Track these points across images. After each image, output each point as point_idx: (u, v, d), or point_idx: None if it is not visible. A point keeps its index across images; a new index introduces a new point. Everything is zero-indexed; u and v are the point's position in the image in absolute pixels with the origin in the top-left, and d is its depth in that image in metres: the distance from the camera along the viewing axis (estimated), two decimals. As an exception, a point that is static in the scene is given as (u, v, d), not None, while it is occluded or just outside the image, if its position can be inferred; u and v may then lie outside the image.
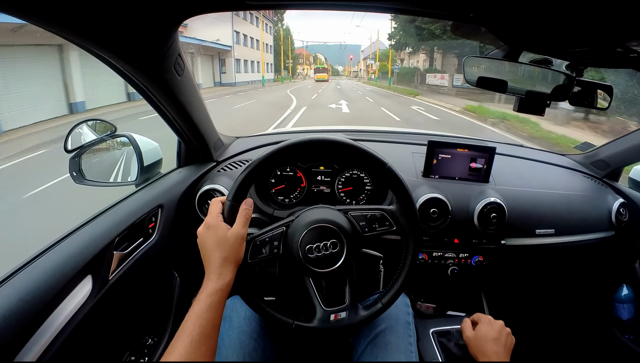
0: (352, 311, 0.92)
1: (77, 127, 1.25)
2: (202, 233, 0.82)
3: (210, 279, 0.76)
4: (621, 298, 1.69)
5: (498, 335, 1.01)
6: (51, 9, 0.60)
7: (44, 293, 0.77)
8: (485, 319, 1.04)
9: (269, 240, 0.89)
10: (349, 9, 0.90)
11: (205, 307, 0.72)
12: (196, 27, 26.95)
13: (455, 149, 1.41)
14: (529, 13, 0.74)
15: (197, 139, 1.28)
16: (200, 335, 0.69)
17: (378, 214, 0.93)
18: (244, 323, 1.03)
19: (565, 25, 0.74)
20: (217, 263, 0.78)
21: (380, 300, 0.92)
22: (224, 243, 0.79)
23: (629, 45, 0.73)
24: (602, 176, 1.70)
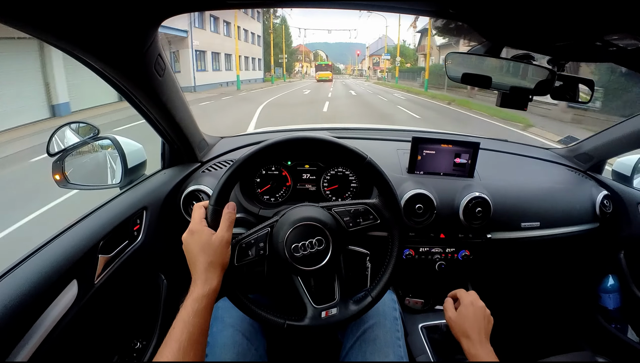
0: (342, 307, 0.92)
1: (60, 130, 1.23)
2: (186, 239, 0.82)
3: (196, 284, 0.76)
4: (607, 289, 1.71)
5: (481, 316, 1.01)
6: (26, 10, 0.59)
7: (29, 299, 0.76)
8: (466, 299, 1.04)
9: (254, 242, 0.89)
10: (326, 7, 0.89)
11: (192, 313, 0.72)
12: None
13: (440, 145, 1.42)
14: (508, 8, 0.75)
15: (180, 139, 1.27)
16: (188, 341, 0.69)
17: (361, 209, 0.93)
18: (236, 322, 1.03)
19: (544, 20, 0.75)
20: (203, 267, 0.78)
21: (369, 293, 0.93)
22: (208, 247, 0.79)
23: (607, 39, 0.73)
24: (586, 169, 1.72)
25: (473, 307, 1.00)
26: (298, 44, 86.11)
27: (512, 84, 1.01)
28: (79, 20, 0.68)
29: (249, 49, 36.86)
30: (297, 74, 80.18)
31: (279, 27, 50.71)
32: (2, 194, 5.01)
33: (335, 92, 25.52)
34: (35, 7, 0.59)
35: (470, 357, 0.94)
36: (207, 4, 0.84)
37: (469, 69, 1.02)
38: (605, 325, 1.71)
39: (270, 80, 39.05)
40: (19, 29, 0.63)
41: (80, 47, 0.75)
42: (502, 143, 1.88)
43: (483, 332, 0.97)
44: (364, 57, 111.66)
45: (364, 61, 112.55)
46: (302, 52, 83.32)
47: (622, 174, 1.71)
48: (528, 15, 0.75)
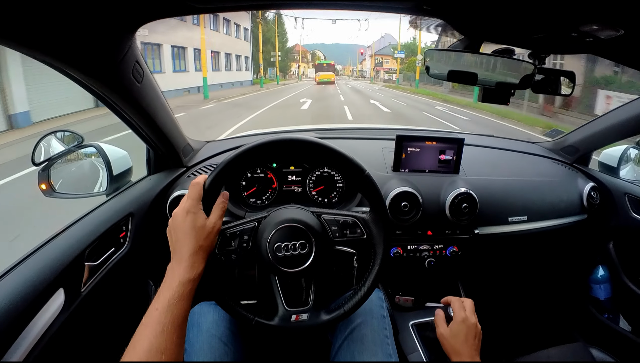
0: (313, 314, 0.92)
1: (45, 139, 1.23)
2: (180, 218, 0.79)
3: (182, 267, 0.74)
4: (597, 279, 1.73)
5: (472, 335, 0.99)
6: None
7: (15, 308, 0.76)
8: (458, 316, 1.02)
9: (239, 234, 0.89)
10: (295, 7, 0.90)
11: (178, 296, 0.70)
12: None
13: (424, 142, 1.43)
14: (482, 3, 0.76)
15: (164, 145, 1.27)
16: (172, 324, 0.67)
17: (350, 221, 0.93)
18: (212, 327, 1.02)
19: (519, 13, 0.75)
20: (191, 251, 0.75)
21: (343, 306, 0.92)
22: (201, 231, 0.78)
23: (583, 30, 0.74)
24: (572, 161, 1.73)
25: (465, 325, 0.99)
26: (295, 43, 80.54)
27: (497, 80, 1.01)
28: (53, 30, 0.68)
29: (231, 44, 28.78)
30: (294, 75, 74.45)
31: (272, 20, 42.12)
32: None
33: (351, 104, 17.00)
34: (8, 17, 0.59)
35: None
36: (177, 10, 0.83)
37: (453, 66, 1.03)
38: (597, 316, 1.72)
39: (260, 82, 30.18)
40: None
41: (55, 57, 0.75)
42: (489, 138, 1.89)
43: (474, 348, 0.97)
44: (363, 57, 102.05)
45: (364, 61, 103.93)
46: (298, 52, 77.62)
47: (609, 165, 1.73)
48: (502, 9, 0.76)
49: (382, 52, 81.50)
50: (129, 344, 0.65)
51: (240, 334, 1.07)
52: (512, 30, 0.88)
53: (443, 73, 1.02)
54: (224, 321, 1.05)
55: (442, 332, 1.01)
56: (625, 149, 1.71)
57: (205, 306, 1.08)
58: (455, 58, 1.03)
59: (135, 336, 0.65)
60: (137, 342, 0.64)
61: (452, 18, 0.88)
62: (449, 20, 0.91)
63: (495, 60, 1.00)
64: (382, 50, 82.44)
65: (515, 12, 0.76)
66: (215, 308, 1.08)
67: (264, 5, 0.86)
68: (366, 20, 58.70)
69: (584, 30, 0.74)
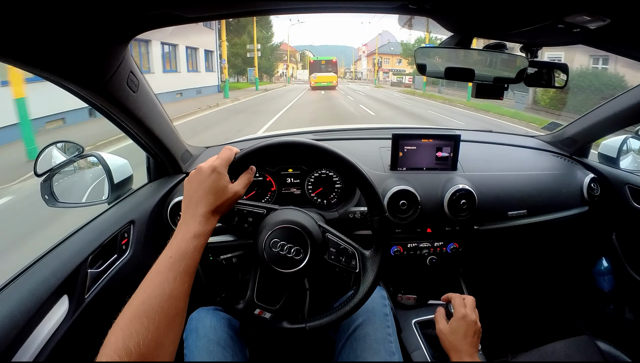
0: (275, 318, 0.93)
1: (46, 150, 1.25)
2: (204, 173, 0.79)
3: (196, 221, 0.74)
4: (601, 271, 1.73)
5: (471, 332, 0.99)
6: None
7: (20, 316, 0.78)
8: (458, 312, 1.01)
9: (246, 213, 0.91)
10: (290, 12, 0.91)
11: (193, 248, 0.70)
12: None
13: (420, 140, 1.43)
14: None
15: (163, 152, 1.28)
16: (185, 273, 0.67)
17: (350, 251, 0.94)
18: (210, 332, 1.03)
19: (502, 6, 0.76)
20: (208, 209, 0.76)
21: (306, 323, 0.93)
22: (222, 193, 0.78)
23: (567, 20, 0.75)
24: (571, 154, 1.73)
25: (465, 322, 0.99)
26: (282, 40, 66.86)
27: (492, 75, 1.02)
28: (46, 45, 0.69)
29: (186, 33, 18.39)
30: (282, 77, 64.81)
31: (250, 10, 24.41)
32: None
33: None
34: (3, 34, 0.61)
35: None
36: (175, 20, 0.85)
37: (449, 63, 1.03)
38: (602, 308, 1.72)
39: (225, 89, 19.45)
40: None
41: (49, 71, 0.76)
42: (486, 133, 1.89)
43: (472, 346, 0.97)
44: (358, 57, 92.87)
45: (359, 62, 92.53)
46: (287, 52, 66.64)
47: (608, 156, 1.72)
48: (487, 4, 0.76)
49: (382, 50, 72.07)
50: (137, 289, 0.65)
51: (238, 338, 1.08)
52: (499, 25, 0.89)
53: (440, 71, 1.03)
54: (222, 326, 1.06)
55: (441, 328, 1.01)
56: (625, 139, 1.70)
57: (204, 312, 1.09)
58: (450, 56, 1.03)
59: (145, 282, 0.66)
60: (148, 287, 0.65)
61: (439, 16, 0.89)
62: (435, 18, 0.91)
63: (490, 55, 1.01)
64: (381, 48, 72.79)
65: (500, 7, 0.76)
66: (214, 314, 1.09)
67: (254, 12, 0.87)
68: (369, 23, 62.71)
69: (570, 21, 0.75)
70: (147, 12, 0.79)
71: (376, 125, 1.97)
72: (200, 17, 0.88)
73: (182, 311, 0.66)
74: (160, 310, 0.61)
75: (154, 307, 0.61)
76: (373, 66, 64.89)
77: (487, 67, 1.03)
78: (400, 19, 1.64)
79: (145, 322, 0.59)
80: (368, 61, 78.73)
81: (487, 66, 1.03)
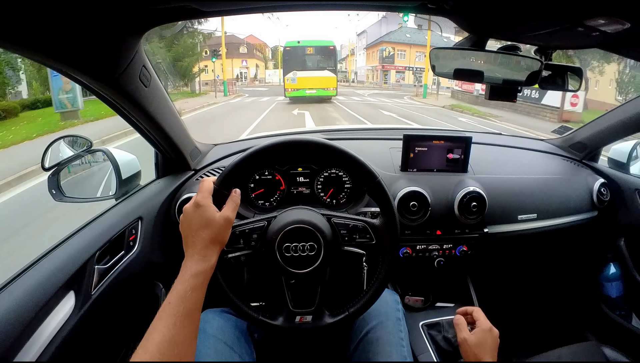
0: (317, 316, 0.92)
1: (54, 144, 1.24)
2: (190, 211, 0.79)
3: (194, 260, 0.74)
4: (609, 277, 1.71)
5: (495, 345, 0.98)
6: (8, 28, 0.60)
7: (26, 311, 0.77)
8: (485, 324, 0.99)
9: (248, 232, 0.90)
10: (307, 9, 0.90)
11: (190, 288, 0.70)
12: None
13: (431, 142, 1.42)
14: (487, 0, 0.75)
15: (172, 149, 1.27)
16: (184, 316, 0.67)
17: (360, 226, 0.93)
18: (218, 332, 1.02)
19: (523, 9, 0.75)
20: (203, 244, 0.76)
21: (348, 309, 0.93)
22: (212, 224, 0.77)
23: (587, 24, 0.74)
24: (581, 158, 1.72)
25: (492, 335, 0.98)
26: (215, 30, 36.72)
27: (503, 77, 1.01)
28: (61, 38, 0.68)
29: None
30: (236, 83, 40.63)
31: None
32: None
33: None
34: (18, 26, 0.60)
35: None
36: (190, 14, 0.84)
37: (458, 64, 1.02)
38: (609, 314, 1.70)
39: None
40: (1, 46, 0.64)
41: (64, 63, 0.76)
42: (496, 136, 1.88)
43: (494, 360, 0.95)
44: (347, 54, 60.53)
45: (348, 59, 60.67)
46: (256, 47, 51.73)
47: (618, 161, 1.71)
48: (507, 5, 0.75)
49: (391, 39, 44.46)
50: (143, 337, 0.65)
51: (245, 339, 1.07)
52: (517, 26, 0.88)
53: (449, 72, 1.02)
54: (229, 327, 1.05)
55: (467, 337, 0.97)
56: (635, 145, 1.69)
57: (211, 313, 1.08)
58: (460, 56, 1.03)
59: (149, 329, 0.66)
60: (150, 335, 0.65)
61: (458, 16, 0.88)
62: (454, 19, 0.91)
63: (502, 57, 1.00)
64: (390, 36, 44.78)
65: (519, 8, 0.76)
66: (221, 315, 1.08)
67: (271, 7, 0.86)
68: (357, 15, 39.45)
69: (589, 24, 0.74)
70: (164, 4, 0.78)
71: (386, 126, 1.96)
72: (217, 12, 0.86)
73: (187, 355, 0.67)
74: (161, 357, 0.62)
75: (154, 355, 0.62)
76: (382, 60, 44.29)
77: (498, 69, 1.02)
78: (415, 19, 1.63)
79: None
80: (368, 56, 52.06)
81: (498, 67, 1.02)
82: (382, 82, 44.84)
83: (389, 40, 44.78)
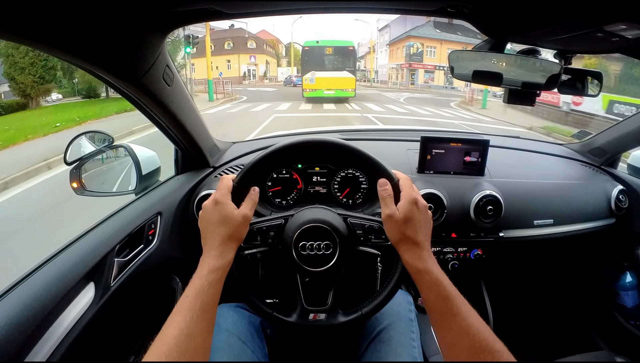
0: (331, 315, 0.93)
1: (76, 140, 1.27)
2: (209, 208, 0.81)
3: (211, 256, 0.76)
4: (625, 286, 1.69)
5: (429, 218, 0.84)
6: (37, 28, 0.61)
7: (48, 301, 0.80)
8: (410, 193, 0.83)
9: (265, 229, 0.91)
10: (331, 12, 0.91)
11: (208, 284, 0.72)
12: None
13: (449, 144, 1.42)
14: (507, 3, 0.75)
15: (192, 146, 1.29)
16: (201, 310, 0.69)
17: (376, 227, 0.93)
18: (231, 327, 1.03)
19: (545, 13, 0.75)
20: (220, 240, 0.78)
21: (361, 309, 0.93)
22: (230, 221, 0.79)
23: (609, 29, 0.73)
24: (600, 164, 1.69)
25: (425, 208, 0.84)
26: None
27: (522, 80, 1.01)
28: (88, 36, 0.70)
29: None
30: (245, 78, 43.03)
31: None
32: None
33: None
34: (48, 25, 0.62)
35: (420, 270, 0.77)
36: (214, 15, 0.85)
37: (477, 66, 1.02)
38: (623, 323, 1.68)
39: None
40: (31, 45, 0.66)
41: (93, 63, 0.78)
42: (514, 139, 1.87)
43: (428, 239, 0.82)
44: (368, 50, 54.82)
45: (367, 56, 56.46)
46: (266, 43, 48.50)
47: (638, 167, 1.68)
48: (528, 9, 0.75)
49: (419, 33, 39.41)
50: (160, 330, 0.67)
51: (258, 335, 1.08)
52: (536, 30, 0.87)
53: (468, 73, 1.02)
54: (243, 322, 1.06)
55: (392, 213, 0.82)
56: (656, 152, 1.65)
57: (225, 308, 1.09)
58: (479, 59, 1.03)
59: (166, 323, 0.67)
60: (167, 328, 0.66)
61: (477, 19, 0.88)
62: (473, 22, 0.90)
63: (521, 60, 1.00)
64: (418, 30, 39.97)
65: (539, 12, 0.76)
66: (235, 310, 1.09)
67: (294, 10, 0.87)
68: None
69: (609, 30, 0.73)
70: (188, 6, 0.80)
71: (403, 127, 1.96)
72: (240, 14, 0.88)
73: (203, 349, 0.68)
74: (177, 350, 0.63)
75: (171, 347, 0.63)
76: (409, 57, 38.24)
77: (517, 72, 1.02)
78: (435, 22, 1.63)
79: (164, 361, 0.62)
80: (391, 53, 46.12)
81: (517, 70, 1.02)
82: (408, 82, 39.88)
83: (417, 35, 39.51)
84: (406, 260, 0.79)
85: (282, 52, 63.88)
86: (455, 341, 0.70)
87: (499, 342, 0.67)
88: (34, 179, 5.86)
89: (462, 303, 0.73)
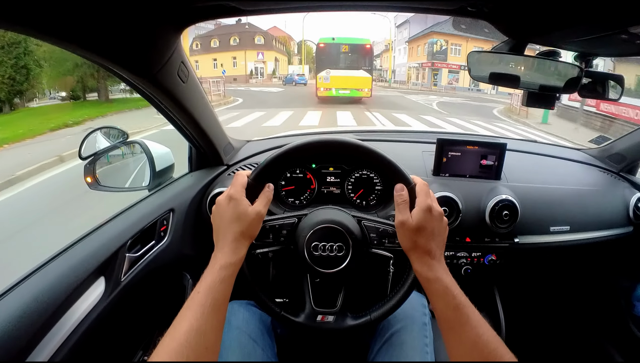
0: (339, 318, 0.92)
1: (91, 135, 1.28)
2: (223, 204, 0.81)
3: (224, 252, 0.76)
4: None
5: (444, 229, 0.82)
6: (55, 25, 0.62)
7: (58, 294, 0.80)
8: (424, 201, 0.80)
9: (278, 228, 0.90)
10: (348, 9, 0.90)
11: (219, 280, 0.72)
12: None
13: (465, 147, 1.40)
14: (529, 4, 0.74)
15: (206, 144, 1.29)
16: (212, 306, 0.68)
17: (390, 231, 0.92)
18: (242, 325, 1.03)
19: (567, 14, 0.73)
20: (233, 237, 0.77)
21: (370, 313, 0.92)
22: (244, 217, 0.79)
23: (632, 31, 0.72)
24: (619, 170, 1.66)
25: (440, 216, 0.81)
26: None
27: (540, 83, 0.99)
28: (103, 32, 0.70)
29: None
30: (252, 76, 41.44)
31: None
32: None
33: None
34: (65, 20, 0.62)
35: (430, 279, 0.76)
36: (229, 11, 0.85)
37: (495, 68, 1.01)
38: (638, 335, 1.64)
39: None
40: (46, 40, 0.66)
41: (105, 57, 0.77)
42: (531, 143, 1.84)
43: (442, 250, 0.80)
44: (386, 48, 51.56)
45: (384, 55, 53.64)
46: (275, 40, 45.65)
47: (659, 175, 1.65)
48: (549, 10, 0.74)
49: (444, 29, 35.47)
50: (170, 325, 0.66)
51: (269, 334, 1.08)
52: (557, 32, 0.86)
53: (485, 75, 1.01)
54: (254, 320, 1.06)
55: (404, 220, 0.80)
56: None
57: (236, 305, 1.09)
58: (497, 60, 1.01)
59: (177, 317, 0.67)
60: (178, 323, 0.66)
61: (497, 20, 0.87)
62: (493, 22, 0.89)
63: (540, 62, 0.98)
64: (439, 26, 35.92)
65: (561, 13, 0.74)
66: (246, 307, 1.09)
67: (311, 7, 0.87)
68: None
69: (634, 32, 0.71)
70: (204, 2, 0.79)
71: (419, 128, 1.95)
72: (257, 10, 0.87)
73: (213, 345, 0.68)
74: (187, 346, 0.63)
75: (181, 343, 0.63)
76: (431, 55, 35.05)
77: (536, 74, 1.00)
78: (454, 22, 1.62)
79: (173, 357, 0.62)
80: (411, 51, 42.94)
81: (536, 73, 1.00)
82: (430, 83, 36.54)
83: (440, 31, 35.65)
84: (416, 268, 0.79)
85: (293, 50, 61.32)
86: (464, 351, 0.69)
87: (509, 353, 0.66)
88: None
89: (473, 313, 0.72)
